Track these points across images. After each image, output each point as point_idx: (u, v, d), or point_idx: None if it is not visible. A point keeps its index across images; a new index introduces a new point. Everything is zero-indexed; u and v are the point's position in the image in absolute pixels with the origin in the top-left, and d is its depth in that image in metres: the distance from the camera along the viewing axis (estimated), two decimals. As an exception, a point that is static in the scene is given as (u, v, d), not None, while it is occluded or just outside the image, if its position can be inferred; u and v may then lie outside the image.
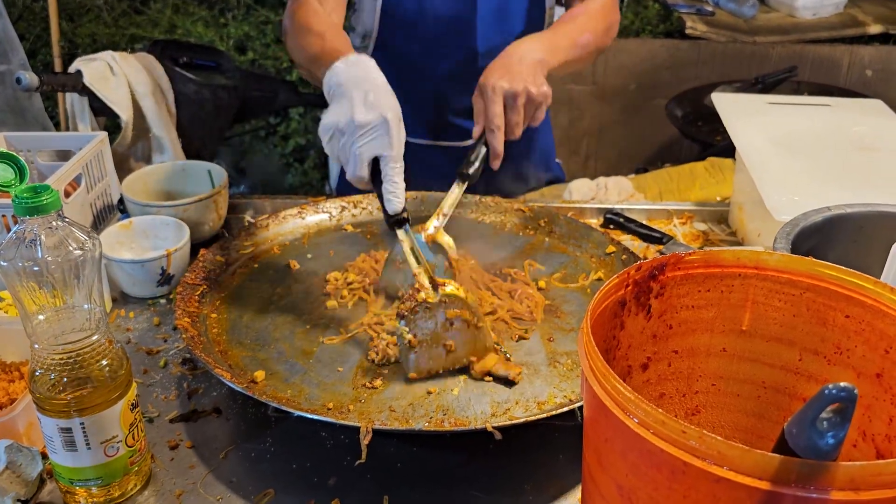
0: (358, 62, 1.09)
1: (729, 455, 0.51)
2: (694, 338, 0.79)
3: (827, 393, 0.48)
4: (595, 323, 0.69)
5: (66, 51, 2.91)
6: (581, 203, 1.56)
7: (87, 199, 1.33)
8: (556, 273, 1.28)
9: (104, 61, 1.66)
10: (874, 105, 1.62)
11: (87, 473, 0.86)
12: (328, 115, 1.06)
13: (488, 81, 1.22)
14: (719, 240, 1.49)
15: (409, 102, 1.59)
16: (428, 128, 1.65)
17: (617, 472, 0.60)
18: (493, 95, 1.20)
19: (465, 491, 0.92)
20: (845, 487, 0.50)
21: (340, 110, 1.05)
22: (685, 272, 0.76)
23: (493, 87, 1.21)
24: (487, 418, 0.96)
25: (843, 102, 1.65)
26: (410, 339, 1.02)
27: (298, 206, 1.42)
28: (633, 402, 0.56)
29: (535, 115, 1.24)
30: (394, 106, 1.05)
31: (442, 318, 1.03)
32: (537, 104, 1.23)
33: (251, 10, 3.25)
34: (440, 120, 1.63)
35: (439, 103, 1.60)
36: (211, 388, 1.08)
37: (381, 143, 1.03)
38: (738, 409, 0.82)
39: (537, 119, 1.25)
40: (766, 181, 1.28)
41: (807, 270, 0.74)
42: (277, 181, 3.31)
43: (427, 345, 1.03)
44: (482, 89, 1.23)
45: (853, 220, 1.10)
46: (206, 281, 1.20)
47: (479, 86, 1.24)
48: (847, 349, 0.73)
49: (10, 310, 1.16)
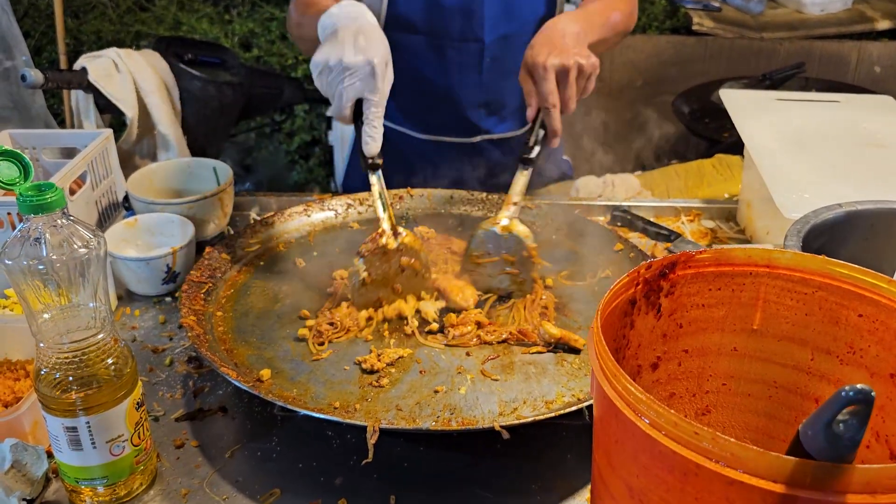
0: (352, 5, 1.12)
1: (743, 457, 0.50)
2: (704, 337, 0.78)
3: (843, 395, 0.47)
4: (605, 322, 0.68)
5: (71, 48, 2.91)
6: (588, 200, 1.55)
7: (92, 197, 1.33)
8: (564, 271, 1.27)
9: (109, 58, 1.66)
10: (884, 101, 1.60)
11: (92, 472, 0.86)
12: (319, 53, 1.09)
13: (537, 60, 1.18)
14: (728, 237, 1.48)
15: (415, 96, 1.60)
16: (434, 123, 1.64)
17: (628, 473, 0.60)
18: (545, 73, 1.16)
19: (472, 491, 0.91)
20: (862, 491, 0.49)
21: (331, 49, 1.08)
22: (696, 270, 0.75)
23: (543, 65, 1.16)
24: (495, 417, 0.95)
25: (852, 99, 1.63)
26: (365, 276, 1.11)
27: (304, 203, 1.41)
28: (645, 403, 0.55)
29: (586, 87, 1.22)
30: (382, 52, 1.08)
31: (396, 263, 1.13)
32: (588, 75, 1.20)
33: (256, 7, 3.25)
34: (447, 114, 1.62)
35: (446, 96, 1.59)
36: (217, 387, 1.07)
37: (366, 86, 1.07)
38: (748, 409, 0.81)
39: (588, 90, 1.23)
40: (775, 178, 1.27)
41: (819, 269, 0.73)
42: (283, 178, 3.30)
43: (377, 284, 1.12)
44: (531, 68, 1.19)
45: (865, 217, 1.09)
46: (212, 279, 1.19)
47: (527, 65, 1.20)
48: (860, 349, 0.72)
49: (16, 308, 1.15)
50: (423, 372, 1.03)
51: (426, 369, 1.04)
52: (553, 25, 1.24)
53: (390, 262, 1.12)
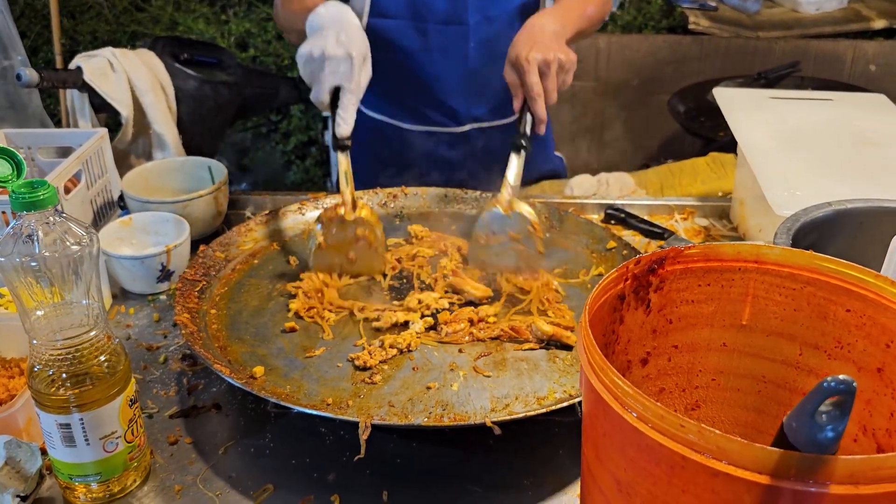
0: (336, 6, 1.26)
1: (728, 449, 0.51)
2: (694, 332, 0.79)
3: (826, 386, 0.48)
4: (594, 317, 0.68)
5: (67, 48, 2.91)
6: (582, 199, 1.56)
7: (87, 196, 1.33)
8: (557, 269, 1.27)
9: (104, 58, 1.66)
10: (877, 99, 1.61)
11: (86, 469, 0.86)
12: (305, 45, 1.23)
13: (520, 54, 1.28)
14: (721, 235, 1.48)
15: (403, 86, 1.63)
16: (423, 112, 1.68)
17: (615, 466, 0.60)
18: (528, 66, 1.26)
19: (464, 486, 0.92)
20: (845, 481, 0.49)
21: (316, 42, 1.21)
22: (685, 266, 0.75)
23: (526, 58, 1.26)
24: (487, 413, 0.96)
25: (845, 97, 1.64)
26: (321, 241, 1.23)
27: (298, 202, 1.42)
28: (632, 397, 0.56)
29: (564, 80, 1.31)
30: (360, 47, 1.22)
31: (352, 233, 1.23)
32: (567, 70, 1.30)
33: (252, 7, 3.25)
34: (435, 103, 1.66)
35: (433, 84, 1.63)
36: (211, 384, 1.07)
37: (344, 76, 1.21)
38: (738, 403, 0.81)
39: (566, 83, 1.32)
40: (767, 176, 1.28)
41: (807, 264, 0.73)
42: (280, 178, 3.31)
43: (333, 250, 1.23)
44: (515, 62, 1.29)
45: (854, 215, 1.09)
46: (206, 277, 1.20)
47: (511, 61, 1.30)
48: (848, 343, 0.73)
49: (10, 306, 1.16)
50: (415, 369, 1.04)
51: (419, 366, 1.04)
52: (532, 23, 1.35)
53: (346, 231, 1.23)
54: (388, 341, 1.06)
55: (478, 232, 1.26)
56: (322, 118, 3.09)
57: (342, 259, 1.24)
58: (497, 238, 1.24)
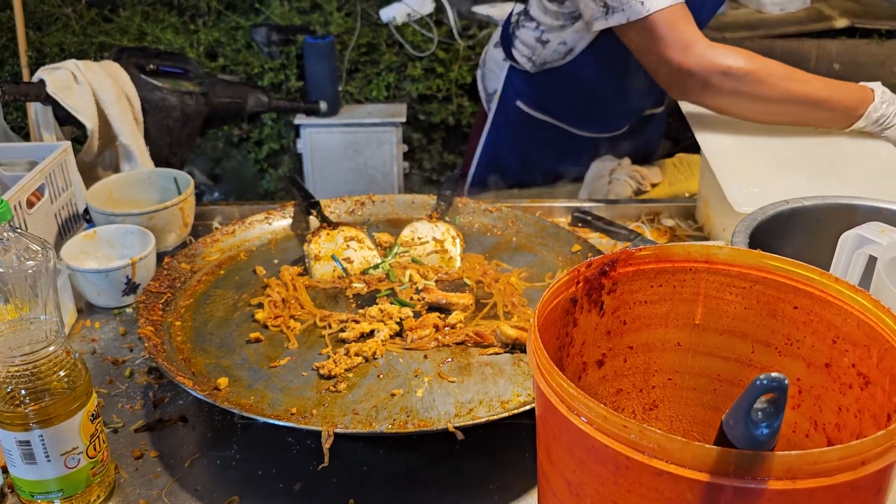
0: None
1: (668, 448, 0.52)
2: (648, 333, 0.80)
3: (758, 383, 0.49)
4: (545, 321, 0.69)
5: (34, 60, 2.88)
6: (549, 202, 1.57)
7: (51, 210, 1.33)
8: (522, 272, 1.28)
9: (68, 70, 1.65)
10: (836, 98, 1.63)
11: (48, 486, 0.86)
12: None
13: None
14: (686, 235, 1.50)
15: (594, 105, 1.81)
16: (609, 122, 1.88)
17: (565, 468, 0.61)
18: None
19: (430, 492, 0.92)
20: (783, 477, 0.50)
21: None
22: (636, 268, 0.76)
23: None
24: (451, 419, 0.96)
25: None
26: (317, 253, 1.28)
27: (266, 211, 1.42)
28: (577, 399, 0.56)
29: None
30: None
31: (340, 238, 1.31)
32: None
33: (222, 16, 3.24)
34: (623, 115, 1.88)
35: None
36: (177, 397, 1.07)
37: None
38: (695, 402, 0.83)
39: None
40: (726, 173, 1.30)
41: (755, 263, 0.75)
42: (252, 187, 3.29)
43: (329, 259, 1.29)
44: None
45: (810, 212, 1.11)
46: (171, 289, 1.20)
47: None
48: (797, 340, 0.74)
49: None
50: (380, 376, 1.04)
51: (384, 373, 1.05)
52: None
53: (335, 241, 1.30)
54: (354, 349, 1.07)
55: (403, 235, 1.34)
56: (294, 126, 3.08)
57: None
58: (422, 241, 1.33)
